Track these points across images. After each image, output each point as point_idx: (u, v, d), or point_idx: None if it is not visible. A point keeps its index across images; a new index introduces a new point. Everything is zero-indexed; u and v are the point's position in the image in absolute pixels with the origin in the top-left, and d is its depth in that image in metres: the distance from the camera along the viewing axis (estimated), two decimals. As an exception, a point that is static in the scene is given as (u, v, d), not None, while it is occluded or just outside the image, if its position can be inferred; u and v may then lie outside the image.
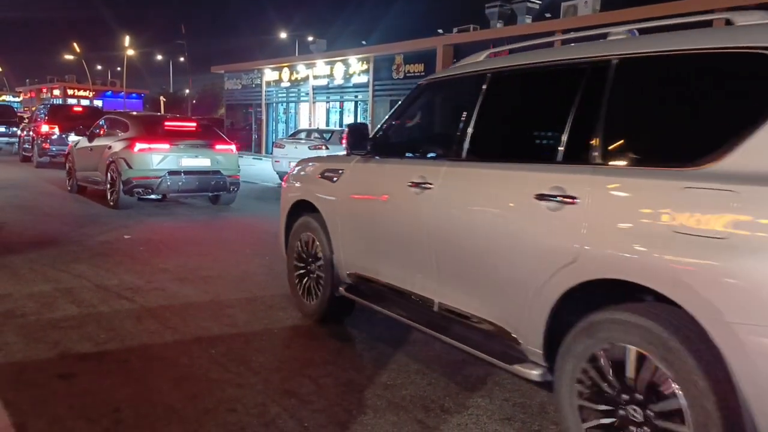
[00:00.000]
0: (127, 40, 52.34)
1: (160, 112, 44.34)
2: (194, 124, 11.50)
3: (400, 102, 4.29)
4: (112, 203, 10.56)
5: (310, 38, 37.95)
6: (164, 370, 3.76)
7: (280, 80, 30.95)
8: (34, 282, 5.62)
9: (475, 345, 3.24)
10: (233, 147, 11.32)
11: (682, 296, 2.28)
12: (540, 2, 22.17)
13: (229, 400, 3.35)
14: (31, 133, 19.26)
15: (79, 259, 6.59)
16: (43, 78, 71.06)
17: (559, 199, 2.76)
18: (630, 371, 2.45)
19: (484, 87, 3.50)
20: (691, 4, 14.83)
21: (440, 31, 26.17)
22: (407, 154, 4.16)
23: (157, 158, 10.23)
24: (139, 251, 7.14)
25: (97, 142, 11.45)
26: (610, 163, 2.70)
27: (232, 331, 4.49)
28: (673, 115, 2.68)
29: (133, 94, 62.74)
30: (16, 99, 71.66)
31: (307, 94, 29.30)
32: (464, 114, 3.56)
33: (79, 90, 62.78)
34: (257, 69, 32.42)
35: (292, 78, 30.09)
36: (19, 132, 22.56)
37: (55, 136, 17.32)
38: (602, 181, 2.64)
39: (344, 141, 4.50)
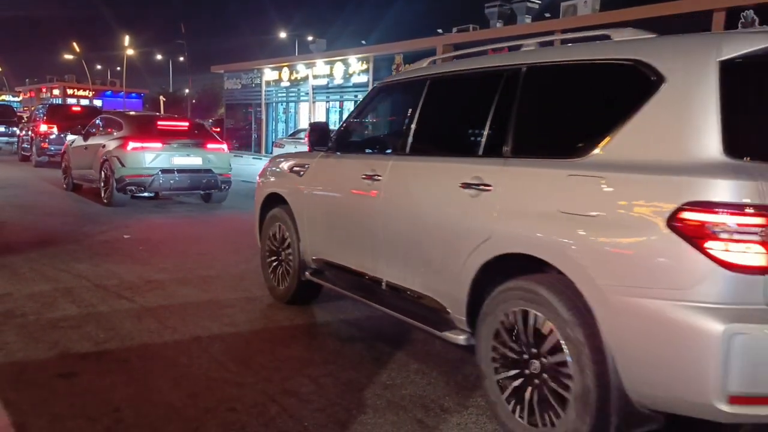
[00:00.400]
0: (126, 39, 52.39)
1: (160, 112, 44.34)
2: (186, 124, 11.77)
3: (358, 103, 4.50)
4: (105, 201, 10.75)
5: (310, 38, 37.96)
6: (164, 369, 3.76)
7: (279, 80, 30.95)
8: (33, 282, 5.62)
9: (414, 316, 3.70)
10: (224, 146, 11.56)
11: (565, 265, 2.74)
12: (539, 2, 22.17)
13: (229, 400, 3.35)
14: (29, 132, 19.30)
15: (78, 258, 6.60)
16: (42, 78, 71.05)
17: (478, 187, 3.22)
18: (529, 330, 2.91)
19: (424, 90, 3.98)
20: (688, 4, 14.85)
21: (440, 30, 26.19)
22: (367, 150, 4.69)
23: (150, 157, 10.44)
24: (138, 251, 7.15)
25: (91, 141, 11.65)
26: (517, 155, 3.17)
27: (231, 331, 4.49)
28: (562, 115, 3.17)
29: (133, 94, 62.72)
30: (16, 99, 71.65)
31: (307, 93, 29.31)
32: (408, 114, 4.03)
33: (78, 90, 62.77)
34: (257, 69, 32.42)
35: (292, 78, 30.10)
36: (18, 132, 22.60)
37: (53, 136, 17.36)
38: (510, 171, 3.14)
39: (307, 138, 4.76)
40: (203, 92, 63.92)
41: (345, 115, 27.12)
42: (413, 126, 3.96)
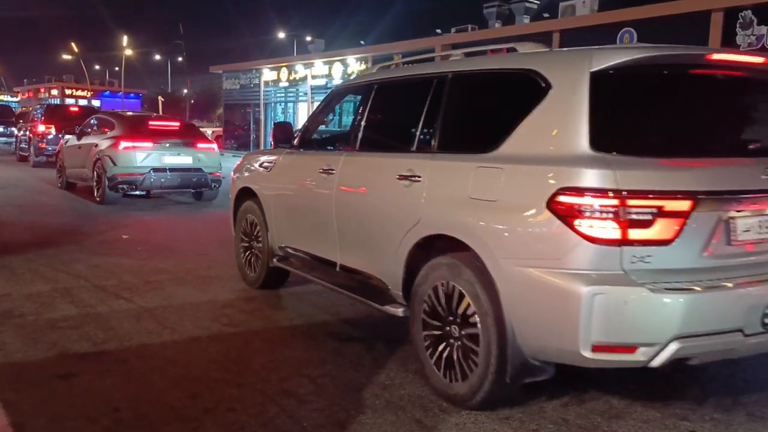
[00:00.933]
0: (125, 40, 52.36)
1: (158, 112, 44.31)
2: (177, 124, 12.06)
3: (319, 104, 5.31)
4: (98, 199, 10.98)
5: (309, 38, 37.95)
6: (163, 369, 3.76)
7: (278, 80, 30.94)
8: (32, 282, 5.62)
9: (361, 294, 4.17)
10: (215, 146, 11.83)
11: (474, 243, 3.24)
12: (538, 2, 22.19)
13: (228, 400, 3.36)
14: (27, 132, 19.29)
15: (77, 259, 6.60)
16: (41, 78, 70.90)
17: (411, 178, 3.71)
18: (449, 300, 3.41)
19: (372, 94, 4.47)
20: (686, 4, 14.86)
21: (438, 31, 26.21)
22: (326, 147, 5.15)
23: (141, 156, 10.64)
24: (137, 251, 7.15)
25: (85, 141, 11.89)
26: (442, 150, 3.68)
27: (230, 331, 4.49)
28: (476, 115, 3.74)
29: (131, 94, 62.58)
30: (14, 99, 71.50)
31: (306, 94, 29.29)
32: (358, 114, 4.53)
33: (77, 90, 62.59)
34: (255, 69, 32.41)
35: (291, 78, 30.09)
36: (16, 132, 22.59)
37: (51, 136, 17.40)
38: (435, 164, 3.64)
39: (272, 137, 5.50)
40: (202, 92, 63.89)
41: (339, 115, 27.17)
42: (362, 125, 4.46)
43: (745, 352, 3.11)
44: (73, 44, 55.34)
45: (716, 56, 3.29)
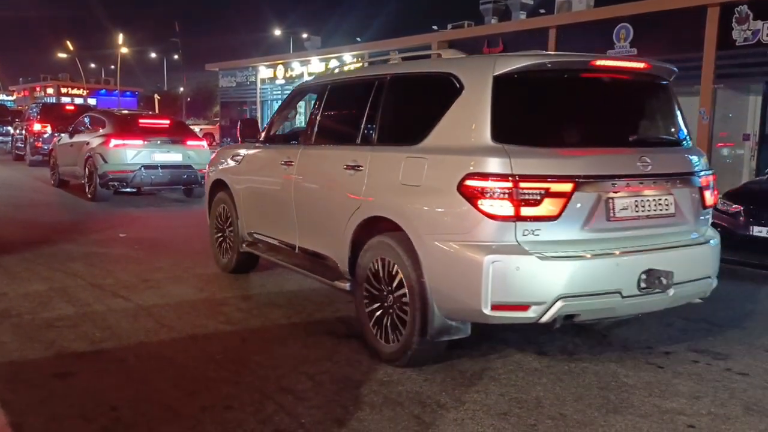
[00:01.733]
0: (120, 38, 52.14)
1: (154, 111, 44.18)
2: (168, 122, 12.21)
3: (281, 102, 5.91)
4: (90, 196, 11.14)
5: (305, 35, 37.83)
6: (161, 368, 3.76)
7: (274, 78, 30.84)
8: (29, 281, 5.61)
9: (316, 272, 4.67)
10: (204, 143, 12.01)
11: (403, 223, 3.75)
12: (534, -2, 22.16)
13: (226, 398, 3.36)
14: (23, 131, 19.22)
15: (73, 257, 6.59)
16: (36, 76, 70.62)
17: (355, 167, 4.21)
18: (386, 274, 3.91)
19: (325, 93, 4.97)
20: (682, 0, 14.84)
21: (435, 27, 26.15)
22: (291, 141, 5.54)
23: (132, 153, 10.78)
24: (134, 249, 7.14)
25: (76, 139, 12.03)
26: (380, 143, 4.21)
27: (228, 329, 4.49)
28: (407, 112, 4.27)
29: (127, 93, 62.38)
30: (10, 98, 71.21)
31: (302, 91, 29.19)
32: (314, 111, 5.02)
33: (72, 88, 62.31)
34: (252, 66, 32.31)
35: (287, 75, 30.00)
36: (12, 131, 22.52)
37: (47, 135, 17.33)
38: (374, 155, 4.16)
39: (238, 132, 5.93)
40: (198, 90, 63.73)
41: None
42: (317, 121, 4.96)
43: (624, 311, 3.66)
44: (68, 43, 55.11)
45: (600, 62, 3.84)
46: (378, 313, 3.98)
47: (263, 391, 3.46)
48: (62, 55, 59.70)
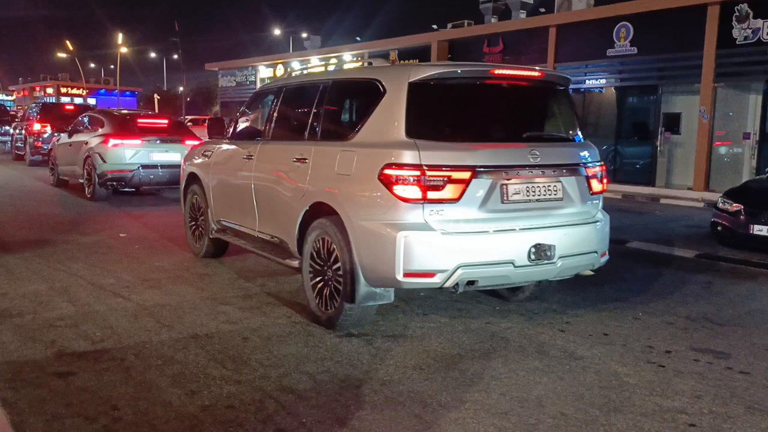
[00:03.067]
0: (120, 37, 52.05)
1: (154, 110, 44.14)
2: (166, 121, 12.20)
3: (245, 103, 6.51)
4: (89, 195, 11.17)
5: (305, 35, 37.81)
6: (161, 367, 3.76)
7: (274, 77, 30.85)
8: (29, 281, 5.61)
9: (271, 253, 5.29)
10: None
11: (337, 207, 4.35)
12: (534, -3, 22.14)
13: (227, 397, 3.36)
14: (23, 131, 19.21)
15: (74, 257, 6.58)
16: (36, 77, 70.56)
17: (301, 160, 4.83)
18: (325, 251, 4.54)
19: (281, 95, 5.62)
20: (682, -1, 14.83)
21: (435, 26, 26.12)
22: (254, 138, 5.86)
23: (130, 153, 10.81)
24: (134, 249, 7.13)
25: (75, 138, 12.04)
26: (322, 139, 4.82)
27: (228, 328, 4.49)
28: (343, 113, 5.15)
29: (127, 92, 62.31)
30: (10, 98, 71.16)
31: (302, 90, 29.16)
32: (271, 111, 5.66)
33: (72, 88, 62.22)
34: (251, 66, 32.33)
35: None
36: (11, 131, 22.54)
37: (47, 135, 17.30)
38: (316, 149, 4.79)
39: (207, 130, 6.49)
40: (198, 90, 63.65)
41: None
42: (273, 119, 5.58)
43: (518, 279, 4.31)
44: (68, 43, 54.98)
45: (499, 71, 4.51)
46: (320, 285, 4.60)
47: (264, 390, 3.46)
48: (62, 55, 59.58)
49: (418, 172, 3.95)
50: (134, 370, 3.71)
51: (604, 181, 4.81)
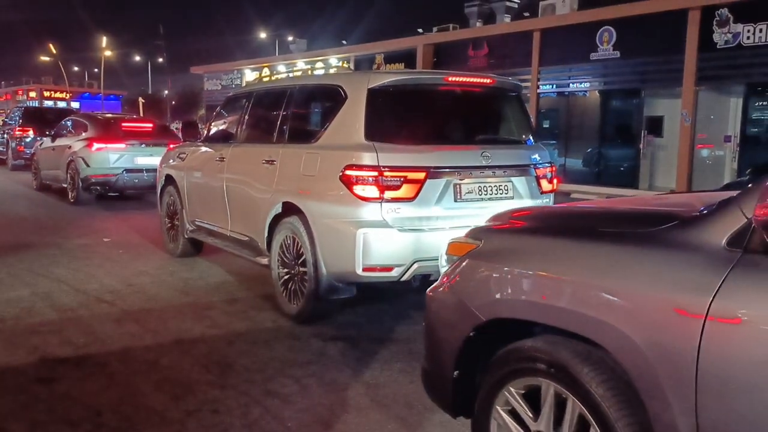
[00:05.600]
0: (104, 41, 51.68)
1: (138, 114, 43.81)
2: (150, 125, 12.16)
3: (218, 107, 6.74)
4: (72, 200, 11.10)
5: (290, 38, 37.78)
6: (146, 372, 3.74)
7: (260, 81, 30.74)
8: (12, 287, 5.55)
9: (242, 252, 5.49)
10: None
11: (303, 206, 4.57)
12: (518, 2, 22.31)
13: (211, 402, 3.35)
14: (5, 136, 19.01)
15: (57, 262, 6.52)
16: (18, 80, 69.80)
17: (270, 162, 5.02)
18: (293, 247, 4.72)
19: (251, 100, 5.82)
20: (662, 3, 15.00)
21: (420, 30, 26.22)
22: (227, 141, 6.00)
23: (114, 157, 10.74)
24: (118, 254, 7.08)
25: (58, 142, 11.95)
26: (289, 142, 5.04)
27: (213, 333, 4.47)
28: (308, 117, 5.39)
29: (111, 96, 61.78)
30: (-8, 101, 70.23)
31: (288, 94, 29.10)
32: (242, 115, 5.86)
33: (55, 92, 61.53)
34: (237, 69, 32.20)
35: (273, 78, 29.92)
36: None
37: (29, 139, 17.16)
38: (283, 151, 4.99)
39: (181, 133, 6.85)
40: (183, 93, 63.30)
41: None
42: (244, 122, 5.80)
43: None
44: (51, 46, 54.53)
45: (452, 78, 4.79)
46: (287, 280, 4.81)
47: (249, 394, 3.45)
48: (45, 59, 59.08)
49: (376, 173, 4.18)
50: (118, 376, 3.69)
51: (554, 181, 5.06)
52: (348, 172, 4.24)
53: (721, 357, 1.60)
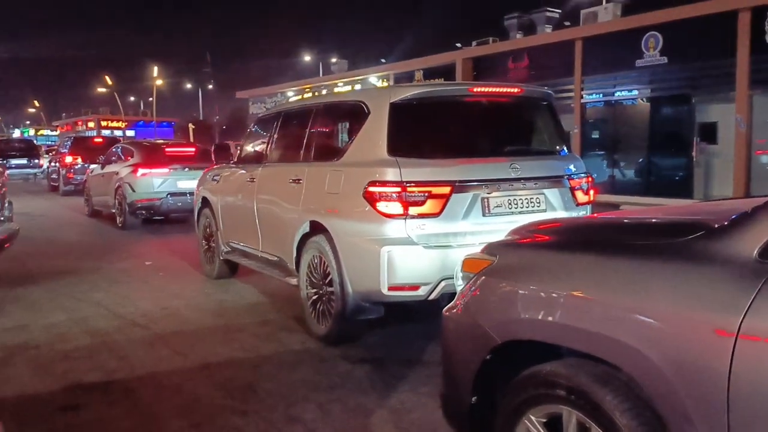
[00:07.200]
0: (155, 70, 53.45)
1: (189, 139, 44.97)
2: (193, 149, 12.45)
3: (249, 129, 6.92)
4: (120, 225, 11.41)
5: (333, 60, 38.23)
6: (169, 397, 3.70)
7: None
8: (51, 312, 5.64)
9: (272, 271, 5.51)
10: None
11: (327, 224, 4.52)
12: (559, 11, 21.97)
13: (231, 428, 3.27)
14: (57, 164, 19.91)
15: (98, 287, 6.62)
16: (78, 111, 72.82)
17: (297, 181, 5.01)
18: (320, 267, 4.66)
19: (279, 120, 5.86)
20: (710, 5, 14.50)
21: (458, 45, 26.07)
22: (259, 162, 5.98)
23: (158, 181, 11.02)
24: (158, 277, 7.15)
25: (107, 169, 12.36)
26: (315, 161, 5.01)
27: (240, 356, 4.42)
28: (332, 134, 5.38)
29: (164, 123, 63.76)
30: (54, 133, 73.51)
31: (331, 114, 29.33)
32: (271, 135, 5.91)
33: (112, 121, 63.96)
34: (280, 92, 32.73)
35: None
36: (45, 163, 23.71)
37: (78, 166, 17.92)
38: (309, 169, 4.97)
39: (213, 156, 6.96)
40: (232, 117, 64.71)
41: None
42: (273, 143, 5.84)
43: None
44: (107, 77, 56.71)
45: (477, 89, 4.74)
46: (315, 301, 4.73)
47: (270, 420, 3.36)
48: (102, 90, 61.42)
49: (399, 189, 4.07)
50: (142, 402, 3.66)
51: (591, 192, 4.87)
52: (371, 189, 4.15)
53: (756, 380, 1.43)
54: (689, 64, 15.33)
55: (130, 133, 57.83)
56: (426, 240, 4.11)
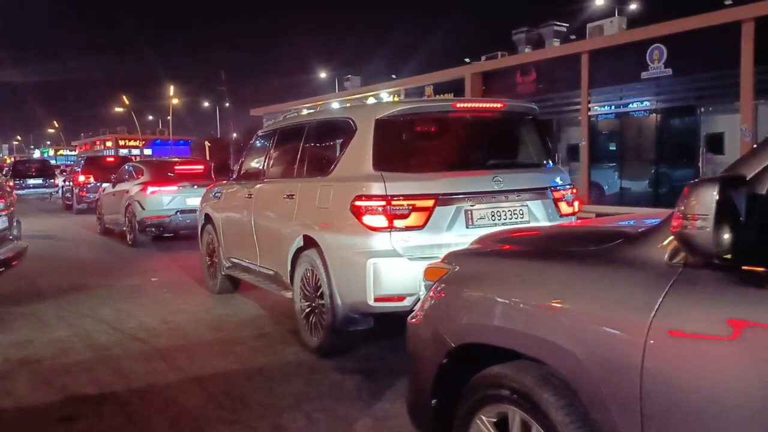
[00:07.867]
0: (172, 90, 54.20)
1: (205, 157, 45.55)
2: (201, 167, 12.59)
3: (248, 146, 7.02)
4: (130, 242, 11.60)
5: (347, 76, 38.59)
6: (162, 409, 3.81)
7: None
8: (56, 328, 5.79)
9: (269, 285, 5.63)
10: None
11: (318, 238, 4.63)
12: (567, 25, 22.09)
13: (219, 438, 3.37)
14: (70, 183, 20.38)
15: (104, 303, 6.77)
16: (96, 131, 74.09)
17: (290, 197, 5.14)
18: (312, 280, 4.76)
19: (275, 137, 6.02)
20: (714, 17, 14.54)
21: (467, 60, 26.27)
22: (257, 178, 6.14)
23: (167, 199, 11.21)
24: (162, 293, 7.30)
25: (119, 188, 12.60)
26: (306, 176, 5.15)
27: (235, 368, 4.53)
28: (322, 150, 5.28)
29: (181, 141, 64.64)
30: (73, 152, 74.81)
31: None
32: (268, 152, 6.07)
33: (129, 140, 65.02)
34: (294, 109, 33.06)
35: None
36: (59, 183, 24.38)
37: (90, 185, 18.32)
38: (301, 185, 5.11)
39: (213, 173, 7.21)
40: (248, 134, 65.38)
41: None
42: (269, 159, 5.99)
43: None
44: (124, 97, 57.64)
45: (460, 104, 4.95)
46: (308, 313, 4.85)
47: (256, 429, 3.46)
48: (119, 110, 62.42)
49: (384, 202, 4.20)
50: (135, 413, 3.77)
51: (575, 203, 4.95)
52: (357, 203, 4.27)
53: (664, 372, 1.55)
54: (694, 75, 15.37)
55: (148, 151, 58.79)
56: (411, 252, 4.22)
